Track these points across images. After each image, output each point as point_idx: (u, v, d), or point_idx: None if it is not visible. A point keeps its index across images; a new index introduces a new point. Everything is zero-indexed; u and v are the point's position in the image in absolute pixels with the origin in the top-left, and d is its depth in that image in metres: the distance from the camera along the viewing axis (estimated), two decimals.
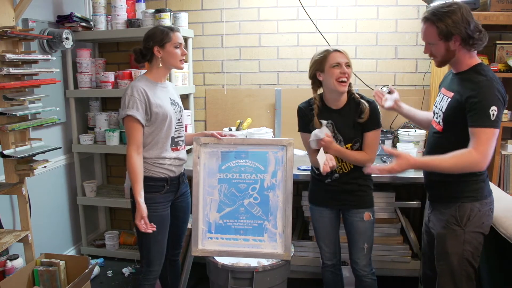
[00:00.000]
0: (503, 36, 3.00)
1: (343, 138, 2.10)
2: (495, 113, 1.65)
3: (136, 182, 2.03)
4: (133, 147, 2.04)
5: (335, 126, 2.10)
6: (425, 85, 3.15)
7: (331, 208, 2.21)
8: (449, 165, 1.70)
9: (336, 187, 2.15)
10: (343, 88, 2.03)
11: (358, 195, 2.15)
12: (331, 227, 2.24)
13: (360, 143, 2.12)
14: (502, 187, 2.77)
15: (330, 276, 2.32)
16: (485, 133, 1.66)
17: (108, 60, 3.48)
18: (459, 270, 1.81)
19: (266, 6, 3.28)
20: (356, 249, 2.18)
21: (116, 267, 3.27)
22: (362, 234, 2.15)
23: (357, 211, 2.15)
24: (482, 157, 1.65)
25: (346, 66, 2.03)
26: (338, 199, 2.17)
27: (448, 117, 1.80)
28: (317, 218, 2.25)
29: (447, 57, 1.79)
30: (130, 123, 2.05)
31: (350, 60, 2.06)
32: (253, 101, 3.39)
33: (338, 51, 2.05)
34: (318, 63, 2.07)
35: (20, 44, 2.35)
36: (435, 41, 1.76)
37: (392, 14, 3.16)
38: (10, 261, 2.50)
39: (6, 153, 2.24)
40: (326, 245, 2.26)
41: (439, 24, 1.71)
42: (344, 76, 2.01)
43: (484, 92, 1.67)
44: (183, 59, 2.16)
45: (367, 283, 2.20)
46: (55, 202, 3.20)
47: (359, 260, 2.18)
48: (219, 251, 2.29)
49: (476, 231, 1.79)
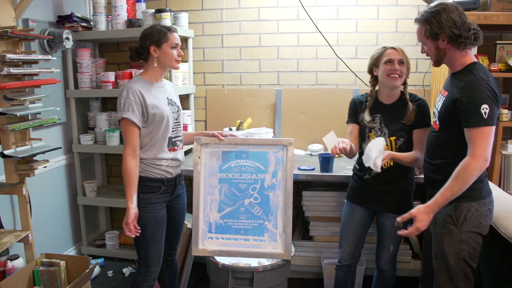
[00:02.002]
0: (503, 36, 3.00)
1: (388, 131, 2.15)
2: (487, 111, 1.66)
3: (129, 186, 2.02)
4: (129, 150, 2.04)
5: (382, 120, 2.16)
6: (425, 85, 3.15)
7: (365, 208, 2.24)
8: (457, 186, 1.70)
9: (373, 185, 2.17)
10: (393, 82, 2.09)
11: (394, 198, 2.17)
12: (359, 227, 2.26)
13: (404, 139, 2.14)
14: (502, 187, 2.77)
15: (342, 276, 2.35)
16: (479, 133, 1.67)
17: (109, 60, 3.48)
18: (455, 269, 1.81)
19: (266, 6, 3.28)
20: (383, 249, 2.25)
21: (116, 267, 3.27)
22: (390, 237, 2.21)
23: (391, 215, 2.13)
24: (480, 160, 1.67)
25: (399, 63, 2.08)
26: (374, 199, 2.19)
27: (442, 116, 1.84)
28: (348, 214, 2.28)
29: (439, 56, 1.83)
30: (125, 125, 2.04)
31: (406, 57, 2.10)
32: (253, 101, 3.39)
33: (393, 48, 2.11)
34: (375, 59, 2.16)
35: (21, 44, 2.35)
36: (424, 41, 1.83)
37: (393, 14, 3.16)
38: (10, 261, 2.50)
39: (6, 153, 2.24)
40: (347, 244, 2.29)
41: (425, 25, 1.78)
42: (395, 72, 2.07)
43: (472, 91, 1.69)
44: (179, 59, 2.14)
45: (386, 276, 2.30)
46: (56, 202, 3.20)
47: (384, 259, 2.27)
48: (220, 251, 2.29)
49: (473, 231, 1.79)
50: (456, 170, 1.71)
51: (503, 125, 2.75)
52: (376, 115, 2.18)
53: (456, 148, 1.77)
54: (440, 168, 1.85)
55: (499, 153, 2.76)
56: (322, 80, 3.29)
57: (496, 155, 2.74)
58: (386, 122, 2.16)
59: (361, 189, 2.22)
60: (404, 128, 2.13)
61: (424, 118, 2.12)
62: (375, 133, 2.17)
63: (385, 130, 2.15)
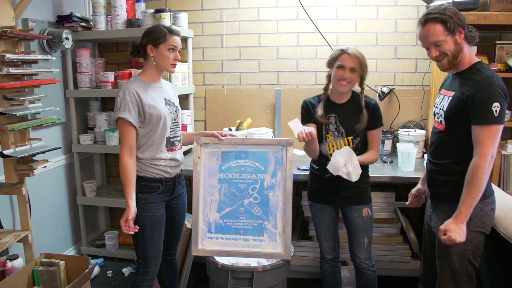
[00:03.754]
0: (503, 36, 3.00)
1: (345, 131, 2.17)
2: (497, 109, 1.66)
3: (127, 185, 2.01)
4: (126, 150, 2.04)
5: (337, 119, 2.17)
6: (425, 85, 3.15)
7: (331, 205, 2.27)
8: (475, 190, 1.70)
9: (334, 183, 2.18)
10: (340, 88, 2.12)
11: (356, 192, 2.21)
12: (331, 223, 2.31)
13: (361, 138, 2.18)
14: (502, 187, 2.77)
15: (329, 269, 2.38)
16: (488, 131, 1.68)
17: (108, 60, 3.48)
18: (459, 270, 1.81)
19: (266, 6, 3.28)
20: (357, 244, 2.25)
21: (116, 267, 3.27)
22: (362, 230, 2.24)
23: (356, 208, 2.22)
24: (488, 158, 1.68)
25: (350, 70, 2.07)
26: (337, 196, 2.22)
27: (450, 115, 1.82)
28: (318, 215, 2.31)
29: (457, 52, 1.79)
30: (122, 125, 2.04)
31: (361, 65, 2.08)
32: (253, 101, 3.39)
33: (349, 54, 2.08)
34: (332, 59, 2.16)
35: (20, 44, 2.35)
36: (444, 37, 1.77)
37: (392, 14, 3.16)
38: (10, 261, 2.50)
39: (6, 153, 2.24)
40: (326, 240, 2.33)
41: (446, 18, 1.74)
42: (344, 79, 2.09)
43: (485, 89, 1.69)
44: (175, 63, 2.13)
45: (367, 275, 2.28)
46: (55, 202, 3.20)
47: (360, 254, 2.26)
48: (219, 251, 2.29)
49: (477, 230, 1.80)
50: (468, 174, 1.71)
51: None
52: (330, 115, 2.18)
53: (463, 147, 1.77)
54: (447, 168, 1.85)
55: (499, 153, 2.76)
56: (321, 80, 3.26)
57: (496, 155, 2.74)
58: (341, 121, 2.17)
59: (323, 188, 2.24)
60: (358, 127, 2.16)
61: (378, 119, 2.19)
62: (332, 134, 2.18)
63: (342, 129, 2.17)
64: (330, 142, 2.19)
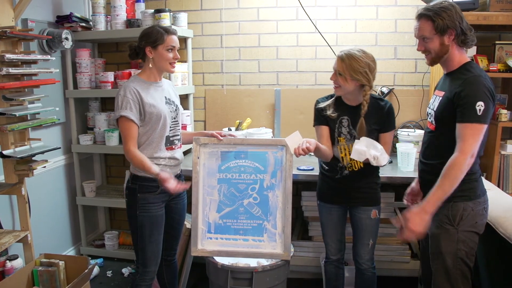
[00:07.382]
0: (503, 36, 3.01)
1: (357, 134, 2.14)
2: (481, 108, 1.67)
3: (145, 166, 2.02)
4: (131, 143, 2.04)
5: (350, 122, 2.14)
6: (425, 85, 3.15)
7: (340, 206, 2.25)
8: (448, 184, 1.70)
9: (345, 184, 2.17)
10: (335, 90, 2.13)
11: (367, 192, 2.19)
12: (338, 224, 2.28)
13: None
14: (501, 187, 2.77)
15: (333, 270, 2.36)
16: (470, 129, 1.68)
17: (108, 60, 3.48)
18: (453, 270, 1.82)
19: (265, 6, 3.28)
20: (362, 245, 2.24)
21: (115, 267, 3.27)
22: (369, 231, 2.22)
23: (365, 209, 2.20)
24: (468, 156, 1.68)
25: (337, 74, 2.07)
26: (347, 197, 2.20)
27: (439, 115, 1.84)
28: (326, 215, 2.29)
29: (441, 52, 1.81)
30: (124, 123, 2.04)
31: (349, 70, 2.02)
32: (252, 101, 3.39)
33: (339, 58, 2.06)
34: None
35: (20, 44, 2.35)
36: (430, 36, 1.79)
37: (392, 14, 3.16)
38: (9, 262, 2.50)
39: (5, 153, 2.24)
40: (332, 241, 2.30)
41: (436, 18, 1.75)
42: (334, 82, 2.10)
43: (471, 87, 1.70)
44: (174, 62, 2.13)
45: (368, 276, 2.27)
46: (55, 202, 3.19)
47: (363, 255, 2.25)
48: (219, 251, 2.29)
49: (469, 230, 1.80)
50: (445, 168, 1.71)
51: (502, 125, 2.75)
52: (343, 117, 2.15)
53: (453, 148, 1.77)
54: (436, 168, 1.84)
55: (498, 153, 2.76)
56: (321, 80, 3.29)
57: (495, 155, 2.74)
58: (354, 125, 2.13)
59: (332, 189, 2.22)
60: (372, 131, 2.12)
61: (391, 121, 2.16)
62: (344, 137, 2.15)
63: (355, 133, 2.13)
64: (342, 145, 2.15)
